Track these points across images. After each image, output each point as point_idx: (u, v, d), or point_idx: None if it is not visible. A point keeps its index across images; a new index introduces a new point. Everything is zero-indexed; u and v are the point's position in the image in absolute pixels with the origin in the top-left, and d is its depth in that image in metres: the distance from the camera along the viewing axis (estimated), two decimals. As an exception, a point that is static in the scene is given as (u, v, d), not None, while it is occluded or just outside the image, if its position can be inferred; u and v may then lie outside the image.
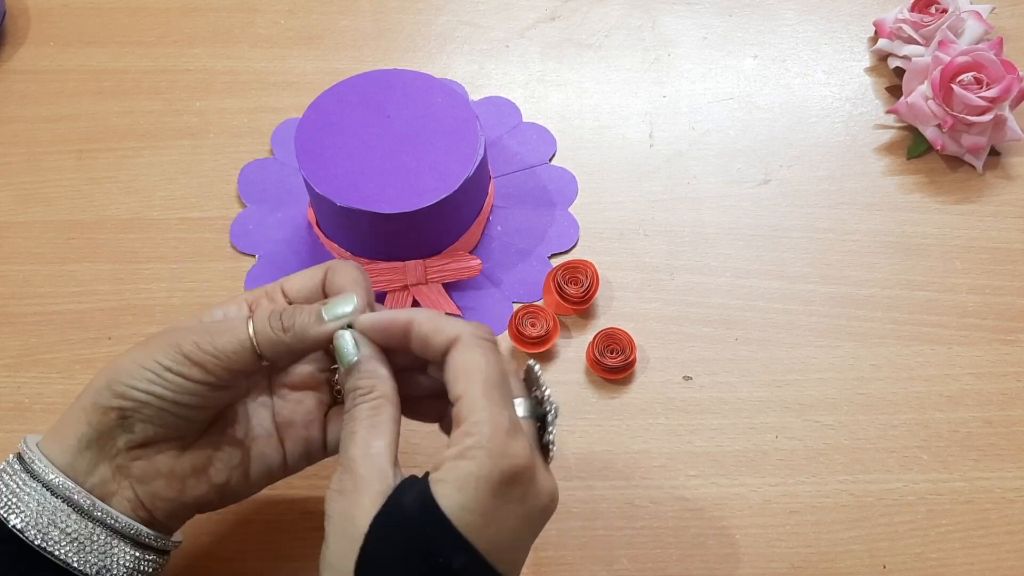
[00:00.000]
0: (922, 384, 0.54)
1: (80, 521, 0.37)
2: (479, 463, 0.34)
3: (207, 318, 0.41)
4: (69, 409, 0.39)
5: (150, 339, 0.39)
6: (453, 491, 0.34)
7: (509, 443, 0.35)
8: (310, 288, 0.41)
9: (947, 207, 0.60)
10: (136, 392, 0.38)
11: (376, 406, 0.37)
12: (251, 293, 0.42)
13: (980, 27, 0.62)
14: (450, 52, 0.68)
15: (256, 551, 0.49)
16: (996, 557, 0.49)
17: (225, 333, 0.38)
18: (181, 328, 0.40)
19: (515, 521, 0.35)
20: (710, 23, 0.69)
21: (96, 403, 0.38)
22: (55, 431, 0.39)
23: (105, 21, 0.69)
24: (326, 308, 0.39)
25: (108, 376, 0.38)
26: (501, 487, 0.34)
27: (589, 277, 0.55)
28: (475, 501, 0.34)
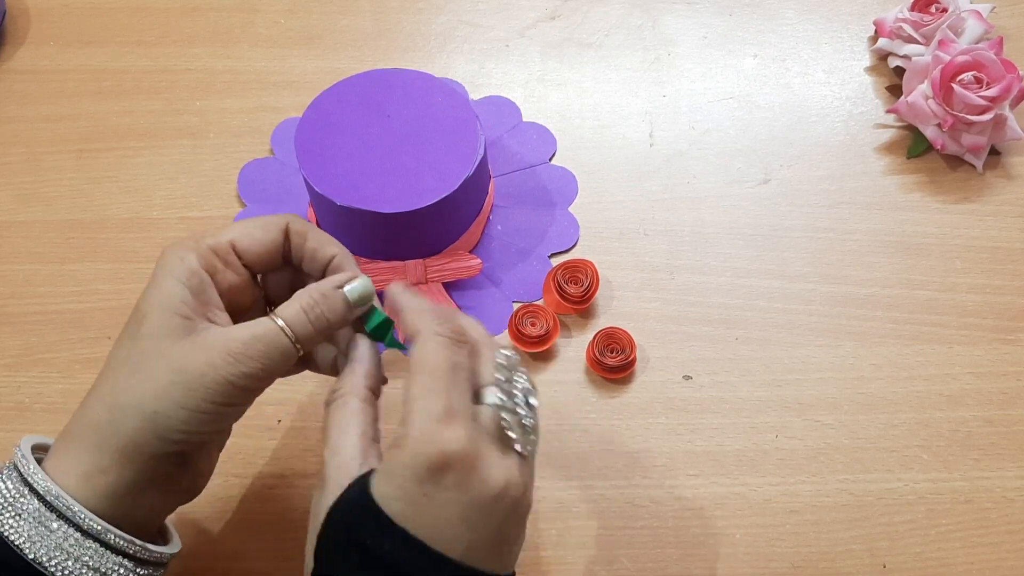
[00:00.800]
0: (922, 384, 0.54)
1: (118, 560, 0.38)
2: (404, 451, 0.35)
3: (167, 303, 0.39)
4: (92, 448, 0.37)
5: (163, 373, 0.37)
6: (383, 481, 0.35)
7: (439, 431, 0.35)
8: (268, 250, 0.41)
9: (947, 207, 0.60)
10: (197, 436, 0.38)
11: (341, 403, 0.38)
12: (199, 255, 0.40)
13: (980, 26, 0.62)
14: (450, 52, 0.68)
15: (256, 551, 0.49)
16: (996, 557, 0.49)
17: (269, 354, 0.38)
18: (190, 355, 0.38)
19: (456, 508, 0.35)
20: (710, 23, 0.69)
21: (145, 454, 0.37)
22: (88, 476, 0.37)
23: (105, 21, 0.69)
24: (351, 295, 0.40)
25: (153, 428, 0.37)
26: (428, 474, 0.34)
27: (589, 277, 0.55)
28: (400, 489, 0.35)
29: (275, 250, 0.41)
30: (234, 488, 0.50)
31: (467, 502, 0.35)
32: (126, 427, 0.37)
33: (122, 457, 0.37)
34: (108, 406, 0.38)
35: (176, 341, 0.38)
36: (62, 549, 0.36)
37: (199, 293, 0.39)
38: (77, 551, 0.36)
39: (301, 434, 0.52)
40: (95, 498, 0.37)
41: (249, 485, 0.51)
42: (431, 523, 0.35)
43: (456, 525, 0.35)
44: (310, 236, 0.42)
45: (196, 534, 0.49)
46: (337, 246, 0.42)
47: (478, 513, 0.35)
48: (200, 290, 0.39)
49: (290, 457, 0.51)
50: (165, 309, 0.38)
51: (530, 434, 0.38)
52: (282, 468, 0.51)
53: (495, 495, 0.35)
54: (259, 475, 0.51)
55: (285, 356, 0.39)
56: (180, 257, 0.39)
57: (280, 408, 0.53)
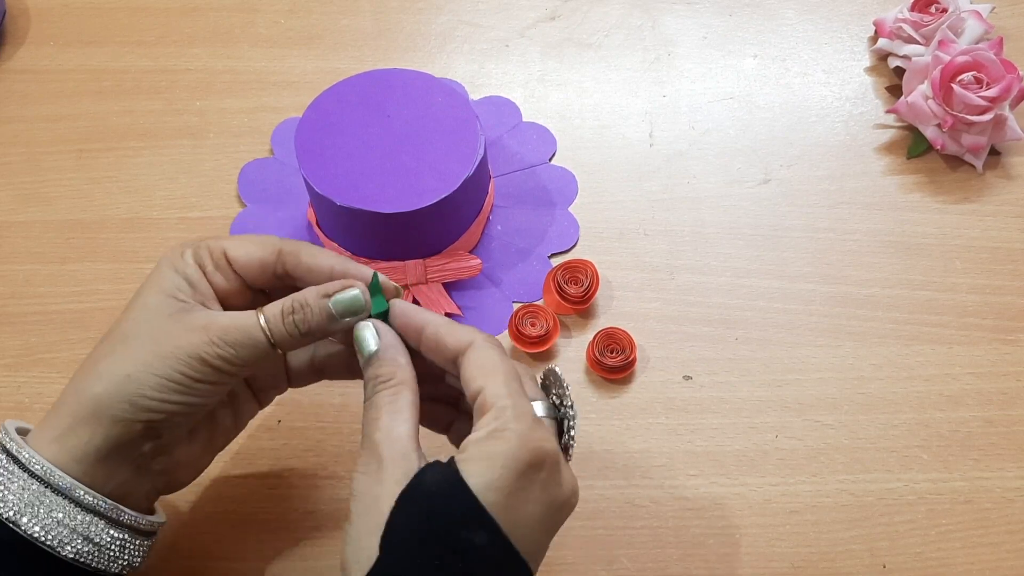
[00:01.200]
0: (922, 384, 0.54)
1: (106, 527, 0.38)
2: (508, 443, 0.35)
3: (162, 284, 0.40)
4: (65, 413, 0.38)
5: (144, 342, 0.38)
6: (481, 469, 0.35)
7: (536, 428, 0.36)
8: (258, 265, 0.41)
9: (947, 207, 0.60)
10: (166, 405, 0.38)
11: (396, 392, 0.38)
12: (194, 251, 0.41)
13: (980, 27, 0.62)
14: (450, 52, 0.68)
15: (256, 551, 0.49)
16: (996, 557, 0.49)
17: (244, 342, 0.39)
18: (172, 329, 0.39)
19: (538, 507, 0.36)
20: (710, 23, 0.69)
21: (113, 416, 0.38)
22: (59, 437, 0.38)
23: (105, 21, 0.69)
24: (336, 306, 0.40)
25: (123, 389, 0.38)
26: (527, 469, 0.35)
27: (589, 277, 0.55)
28: (502, 479, 0.35)
29: (267, 264, 0.42)
30: (234, 488, 0.50)
31: (548, 502, 0.36)
32: (98, 390, 0.38)
33: (93, 419, 0.38)
34: (87, 373, 0.39)
35: (164, 317, 0.39)
36: (33, 505, 0.37)
37: (194, 283, 0.40)
38: (46, 503, 0.37)
39: (301, 434, 0.52)
40: (65, 458, 0.38)
41: (249, 485, 0.51)
42: (517, 518, 0.35)
43: (535, 525, 0.36)
44: (303, 253, 0.42)
45: (196, 534, 0.49)
46: (334, 258, 0.42)
47: (552, 515, 0.37)
48: (195, 280, 0.40)
49: (290, 457, 0.51)
50: (157, 288, 0.40)
51: (574, 441, 0.40)
52: (282, 468, 0.51)
53: (565, 499, 0.37)
54: (259, 475, 0.51)
55: (259, 350, 0.39)
56: (179, 252, 0.41)
57: (280, 408, 0.53)
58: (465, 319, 0.56)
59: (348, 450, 0.52)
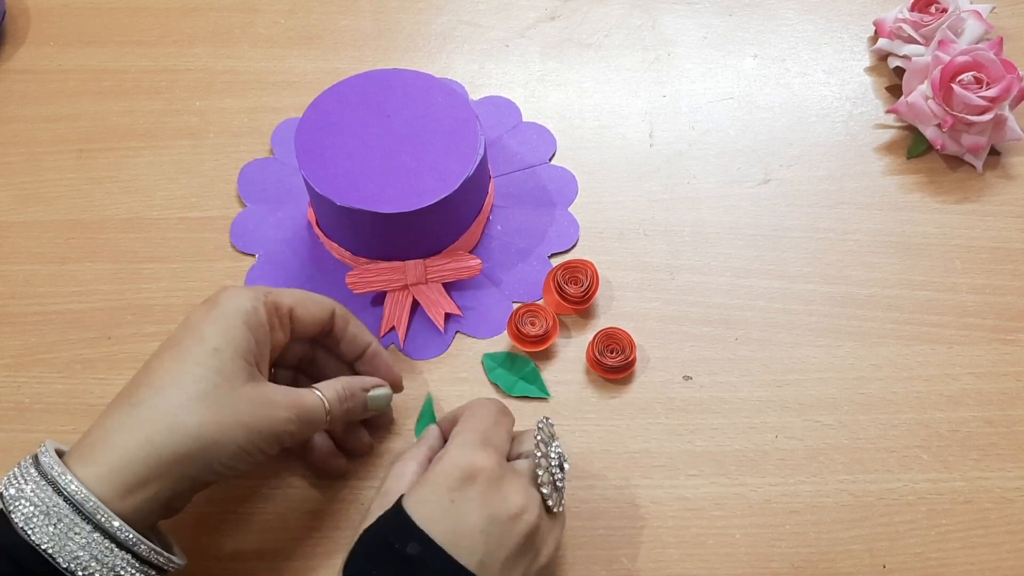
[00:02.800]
0: (922, 384, 0.54)
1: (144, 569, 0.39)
2: (439, 463, 0.40)
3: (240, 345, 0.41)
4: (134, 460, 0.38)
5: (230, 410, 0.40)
6: (414, 489, 0.40)
7: (473, 449, 0.41)
8: (317, 325, 0.47)
9: (947, 207, 0.60)
10: (234, 472, 0.41)
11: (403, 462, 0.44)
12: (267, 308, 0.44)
13: (980, 27, 0.62)
14: (450, 52, 0.68)
15: (256, 551, 0.49)
16: (996, 557, 0.49)
17: (315, 421, 0.43)
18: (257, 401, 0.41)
19: (476, 518, 0.39)
20: (710, 23, 0.69)
21: (186, 475, 0.39)
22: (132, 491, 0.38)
23: (105, 21, 0.69)
24: (371, 402, 0.47)
25: (206, 454, 0.39)
26: (456, 482, 0.39)
27: (589, 277, 0.55)
28: (430, 493, 0.39)
29: (322, 327, 0.47)
30: (234, 488, 0.50)
31: (487, 515, 0.39)
32: (181, 447, 0.39)
33: (167, 474, 0.39)
34: (165, 423, 0.39)
35: (243, 384, 0.41)
36: (91, 555, 0.37)
37: (261, 345, 0.43)
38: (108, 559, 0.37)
39: (301, 434, 0.52)
40: (123, 506, 0.38)
41: (249, 485, 0.51)
42: (452, 528, 0.38)
43: (474, 535, 0.38)
44: (352, 322, 0.48)
45: (196, 534, 0.49)
46: (372, 336, 0.49)
47: (495, 528, 0.39)
48: (262, 342, 0.43)
49: (290, 457, 0.51)
50: (238, 351, 0.41)
51: (559, 495, 0.43)
52: (282, 468, 0.51)
53: (512, 514, 0.40)
54: (259, 475, 0.51)
55: (316, 426, 0.44)
56: (252, 305, 0.43)
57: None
58: (465, 319, 0.56)
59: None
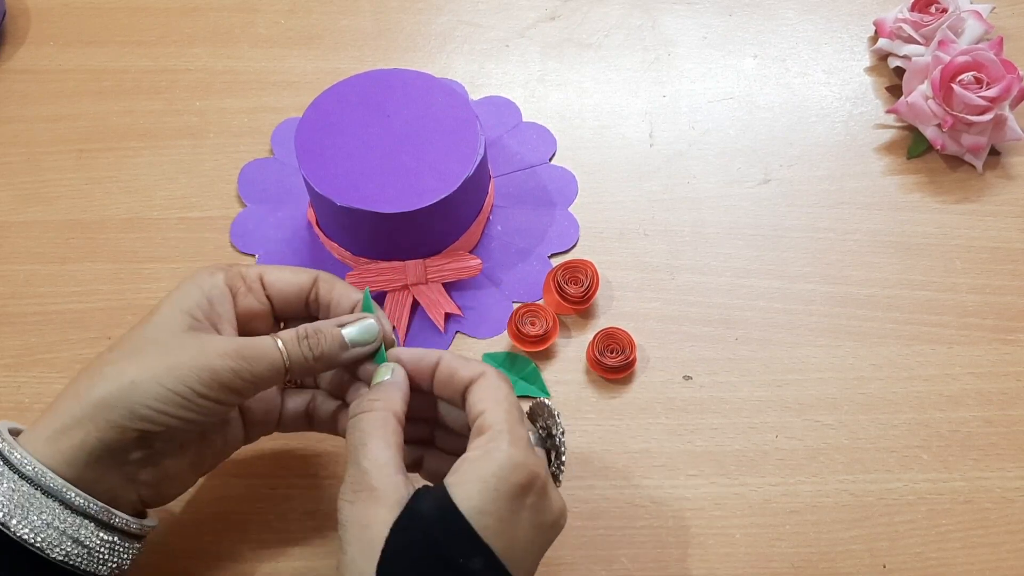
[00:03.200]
0: (922, 384, 0.54)
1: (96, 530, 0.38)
2: (499, 464, 0.36)
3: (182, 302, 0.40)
4: (63, 412, 0.38)
5: (153, 352, 0.38)
6: (472, 492, 0.36)
7: (527, 452, 0.37)
8: (295, 293, 0.44)
9: (947, 207, 0.60)
10: (165, 417, 0.38)
11: (381, 417, 0.39)
12: (227, 274, 0.43)
13: (980, 27, 0.62)
14: (450, 52, 0.68)
15: (256, 551, 0.49)
16: (996, 557, 0.49)
17: (260, 359, 0.40)
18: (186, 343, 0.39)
19: (529, 529, 0.37)
20: (710, 23, 0.69)
21: (110, 420, 0.38)
22: (53, 437, 0.38)
23: (105, 21, 0.69)
24: (349, 336, 0.42)
25: (125, 395, 0.38)
26: (518, 491, 0.36)
27: (589, 277, 0.55)
28: (493, 503, 0.36)
29: (300, 292, 0.44)
30: (234, 488, 0.50)
31: (539, 524, 0.37)
32: (100, 393, 0.38)
33: (87, 420, 0.38)
34: (90, 376, 0.39)
35: (178, 332, 0.39)
36: (22, 507, 0.36)
37: (216, 303, 0.41)
38: (36, 506, 0.37)
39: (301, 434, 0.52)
40: (55, 460, 0.37)
41: (249, 485, 0.51)
42: (510, 541, 0.36)
43: (528, 546, 0.37)
44: (338, 285, 0.44)
45: (195, 534, 0.49)
46: (360, 294, 0.44)
47: (543, 536, 0.38)
48: (218, 301, 0.41)
49: (290, 457, 0.51)
50: (176, 305, 0.40)
51: (563, 468, 0.41)
52: (282, 468, 0.51)
53: (555, 520, 0.39)
54: (259, 475, 0.51)
55: (272, 369, 0.40)
56: (209, 272, 0.42)
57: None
58: (465, 319, 0.56)
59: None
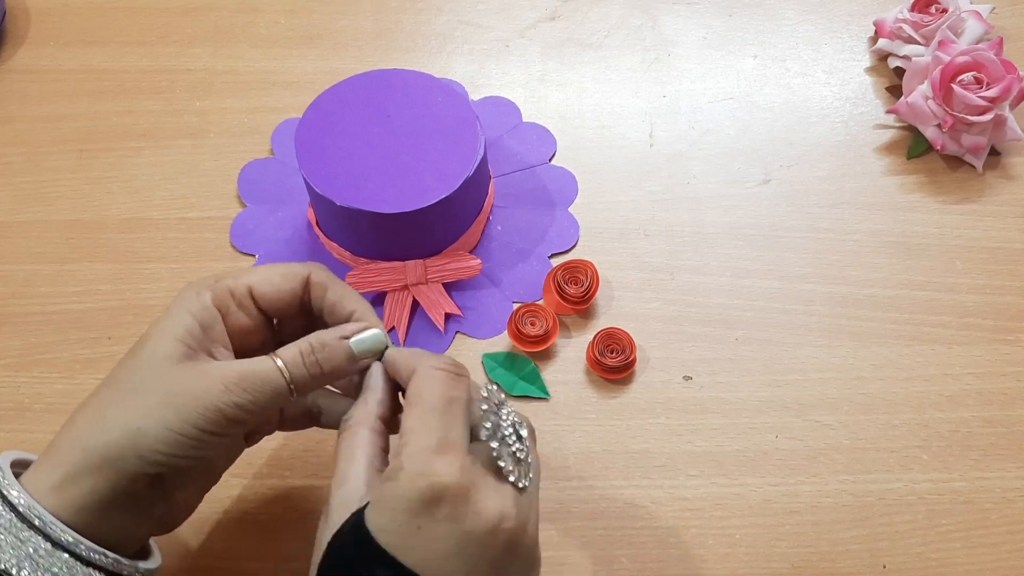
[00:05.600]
0: (922, 384, 0.54)
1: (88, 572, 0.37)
2: (396, 483, 0.35)
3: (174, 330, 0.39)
4: (67, 461, 0.37)
5: (155, 393, 0.37)
6: (375, 513, 0.35)
7: (432, 462, 0.35)
8: (287, 301, 0.42)
9: (947, 207, 0.60)
10: (176, 459, 0.37)
11: (352, 432, 0.39)
12: (214, 293, 0.41)
13: (980, 27, 0.62)
14: (450, 52, 0.68)
15: (256, 551, 0.49)
16: (996, 557, 0.49)
17: (263, 385, 0.38)
18: (184, 379, 0.38)
19: (449, 541, 0.35)
20: (710, 23, 0.69)
21: (120, 470, 0.37)
22: (60, 487, 0.37)
23: (105, 21, 0.69)
24: (358, 349, 0.40)
25: (133, 442, 0.36)
26: (421, 506, 0.34)
27: (589, 277, 0.55)
28: (392, 522, 0.35)
29: (293, 299, 0.42)
30: (234, 488, 0.50)
31: (461, 535, 0.35)
32: (106, 440, 0.37)
33: (97, 471, 0.37)
34: (92, 420, 0.37)
35: (173, 365, 0.38)
36: (32, 560, 0.35)
37: (207, 328, 0.40)
38: (47, 562, 0.36)
39: (301, 435, 0.52)
40: (65, 510, 0.36)
41: (249, 485, 0.51)
42: (424, 556, 0.34)
43: (450, 559, 0.35)
44: (331, 289, 0.42)
45: (196, 534, 0.49)
46: (358, 301, 0.42)
47: (473, 546, 0.35)
48: (208, 325, 0.40)
49: (290, 457, 0.51)
50: (168, 334, 0.39)
51: (524, 466, 0.38)
52: (282, 468, 0.51)
53: (489, 528, 0.35)
54: (259, 475, 0.51)
55: (277, 394, 0.39)
56: (196, 292, 0.40)
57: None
58: (465, 319, 0.56)
59: (348, 450, 0.52)
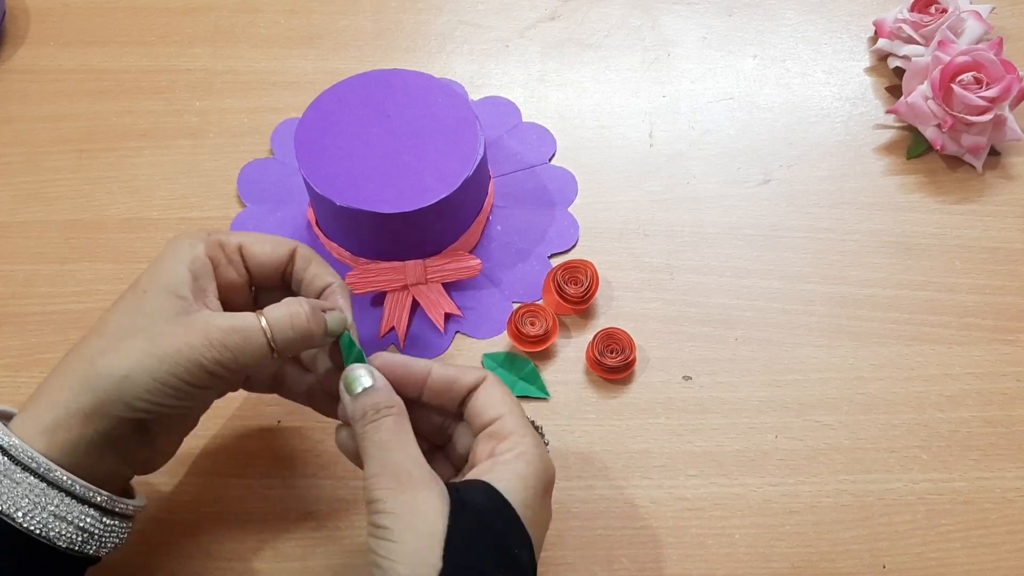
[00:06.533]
0: (922, 384, 0.54)
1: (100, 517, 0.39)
2: (534, 465, 0.39)
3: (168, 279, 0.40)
4: (57, 404, 0.38)
5: (142, 342, 0.38)
6: (516, 487, 0.38)
7: (546, 455, 0.40)
8: (273, 263, 0.44)
9: (947, 207, 0.60)
10: (160, 407, 0.39)
11: (402, 418, 0.40)
12: (207, 244, 0.42)
13: (980, 27, 0.62)
14: (450, 52, 0.68)
15: (256, 551, 0.49)
16: (996, 557, 0.49)
17: (245, 344, 0.40)
18: (172, 331, 0.39)
19: (547, 523, 0.41)
20: (710, 23, 0.69)
21: (107, 414, 0.38)
22: (50, 430, 0.38)
23: (105, 21, 0.69)
24: (330, 322, 0.42)
25: (119, 389, 0.38)
26: (547, 488, 0.40)
27: (589, 277, 0.55)
28: (533, 498, 0.39)
29: (278, 265, 0.44)
30: (234, 488, 0.50)
31: (549, 518, 0.41)
32: (96, 388, 0.38)
33: (86, 417, 0.38)
34: (84, 368, 0.39)
35: (162, 315, 0.39)
36: (28, 499, 0.37)
37: (199, 278, 0.41)
38: (43, 500, 0.37)
39: (301, 435, 0.52)
40: (57, 452, 0.38)
41: (249, 485, 0.51)
42: (538, 532, 0.39)
43: (542, 535, 0.40)
44: (313, 263, 0.44)
45: (195, 534, 0.49)
46: (334, 276, 0.44)
47: (545, 530, 0.41)
48: (201, 275, 0.41)
49: (290, 457, 0.51)
50: (164, 288, 0.40)
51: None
52: (282, 468, 0.51)
53: (551, 514, 0.41)
54: (259, 475, 0.51)
55: (259, 353, 0.40)
56: (189, 243, 0.42)
57: (280, 409, 0.53)
58: (465, 319, 0.56)
59: (348, 450, 0.52)
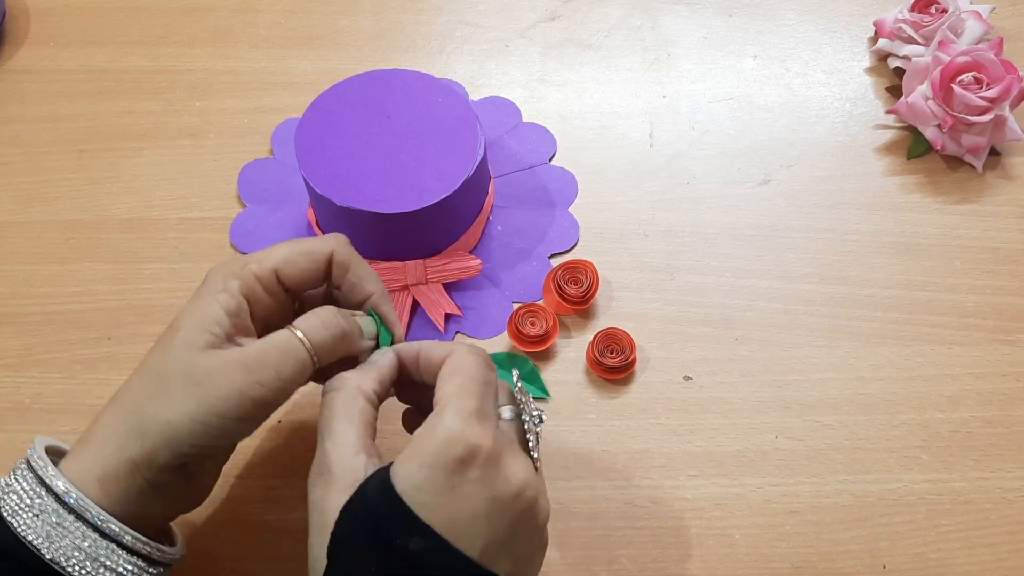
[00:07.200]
0: (922, 384, 0.54)
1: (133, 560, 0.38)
2: (435, 439, 0.35)
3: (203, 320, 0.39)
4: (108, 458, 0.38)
5: (182, 384, 0.38)
6: (412, 470, 0.35)
7: (470, 423, 0.36)
8: (309, 278, 0.42)
9: (947, 207, 0.60)
10: (205, 449, 0.39)
11: (349, 396, 0.39)
12: (243, 282, 0.41)
13: (980, 27, 0.62)
14: (450, 52, 0.68)
15: (256, 551, 0.49)
16: (996, 557, 0.49)
17: (285, 357, 0.39)
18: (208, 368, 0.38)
19: (478, 503, 0.35)
20: (710, 23, 0.69)
21: (153, 461, 0.38)
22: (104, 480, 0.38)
23: (105, 21, 0.69)
24: (366, 329, 0.42)
25: (166, 439, 0.38)
26: (456, 464, 0.35)
27: (589, 277, 0.55)
28: (427, 479, 0.35)
29: (316, 276, 0.43)
30: (234, 488, 0.50)
31: (489, 497, 0.35)
32: (142, 437, 0.38)
33: (135, 466, 0.38)
34: (128, 416, 0.39)
35: (197, 355, 0.38)
36: (80, 549, 0.37)
37: (234, 317, 0.40)
38: (95, 551, 0.37)
39: (301, 434, 0.52)
40: (108, 501, 0.38)
41: (249, 485, 0.51)
42: (453, 516, 0.35)
43: (476, 521, 0.35)
44: (352, 268, 0.43)
45: (196, 534, 0.49)
46: (376, 283, 0.43)
47: (499, 510, 0.36)
48: (236, 315, 0.40)
49: (290, 457, 0.51)
50: (197, 325, 0.39)
51: (539, 449, 0.39)
52: (282, 468, 0.51)
53: (515, 493, 0.36)
54: (259, 475, 0.51)
55: (300, 365, 0.39)
56: (223, 282, 0.40)
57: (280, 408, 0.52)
58: (465, 319, 0.56)
59: (348, 450, 0.52)
